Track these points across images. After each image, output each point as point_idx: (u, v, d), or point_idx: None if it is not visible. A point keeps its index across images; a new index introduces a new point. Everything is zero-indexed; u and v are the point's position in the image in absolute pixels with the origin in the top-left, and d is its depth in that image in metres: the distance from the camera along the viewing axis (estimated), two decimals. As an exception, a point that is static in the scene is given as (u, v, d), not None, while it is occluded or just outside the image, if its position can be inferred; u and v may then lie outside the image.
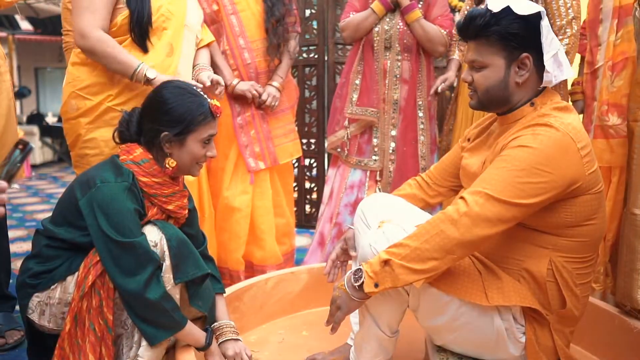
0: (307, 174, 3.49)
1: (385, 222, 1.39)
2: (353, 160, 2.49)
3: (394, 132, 2.44)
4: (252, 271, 2.41)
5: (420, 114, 2.45)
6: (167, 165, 1.51)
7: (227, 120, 2.33)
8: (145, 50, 1.86)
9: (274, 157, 2.41)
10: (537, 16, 1.32)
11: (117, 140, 1.59)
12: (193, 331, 1.50)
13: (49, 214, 1.54)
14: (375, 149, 2.46)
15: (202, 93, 1.56)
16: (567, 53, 2.14)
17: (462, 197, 1.26)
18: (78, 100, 1.86)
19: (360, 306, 1.37)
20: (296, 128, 2.62)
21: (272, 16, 2.30)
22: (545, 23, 1.33)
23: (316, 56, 3.36)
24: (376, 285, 1.25)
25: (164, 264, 1.43)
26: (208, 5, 2.26)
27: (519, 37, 1.33)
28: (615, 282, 1.81)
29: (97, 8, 1.78)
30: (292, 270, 2.21)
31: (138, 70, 1.76)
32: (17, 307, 2.16)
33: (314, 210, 3.47)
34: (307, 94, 3.46)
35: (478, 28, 1.36)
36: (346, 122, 2.47)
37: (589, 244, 1.34)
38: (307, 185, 3.45)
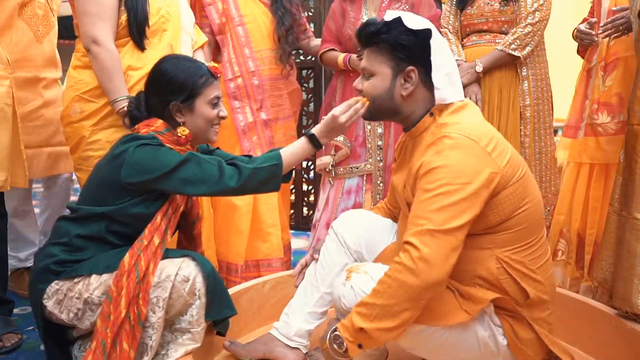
0: (305, 176, 3.49)
1: (354, 270, 1.38)
2: (346, 170, 2.47)
3: (380, 130, 2.42)
4: (258, 268, 2.46)
5: None
6: (180, 134, 1.54)
7: (229, 122, 2.37)
8: (142, 48, 1.89)
9: None
10: (427, 32, 1.34)
11: (128, 124, 1.61)
12: (292, 154, 1.59)
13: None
14: (370, 152, 2.44)
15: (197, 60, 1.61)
16: (541, 21, 2.18)
17: (407, 242, 1.23)
18: (82, 103, 1.87)
19: None
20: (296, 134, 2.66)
21: (282, 26, 2.44)
22: (435, 41, 1.34)
23: (313, 58, 3.36)
24: (360, 346, 1.24)
25: (198, 301, 1.44)
26: (218, 17, 2.39)
27: (407, 49, 1.35)
28: (613, 286, 1.78)
29: (108, 16, 1.81)
30: (289, 272, 2.21)
31: (119, 100, 1.78)
32: (14, 310, 2.16)
33: (311, 212, 3.47)
34: (304, 96, 3.46)
35: (370, 35, 1.38)
36: (332, 150, 2.48)
37: (529, 228, 1.33)
38: (305, 187, 3.45)
